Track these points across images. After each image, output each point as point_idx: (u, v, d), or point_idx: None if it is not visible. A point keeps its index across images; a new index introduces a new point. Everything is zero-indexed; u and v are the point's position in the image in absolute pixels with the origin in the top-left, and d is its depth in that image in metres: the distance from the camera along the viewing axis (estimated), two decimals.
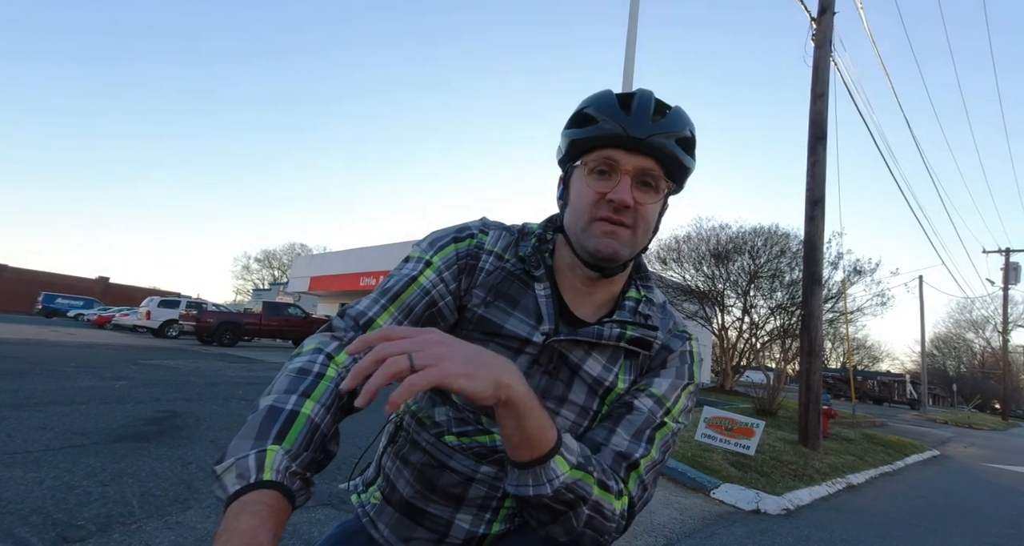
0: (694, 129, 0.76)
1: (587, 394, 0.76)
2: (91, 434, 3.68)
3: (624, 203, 0.70)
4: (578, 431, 0.75)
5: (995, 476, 7.20)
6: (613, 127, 0.71)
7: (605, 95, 0.75)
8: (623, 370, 0.77)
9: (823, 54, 7.88)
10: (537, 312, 0.76)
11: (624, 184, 0.71)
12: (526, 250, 0.79)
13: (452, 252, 0.79)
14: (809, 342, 6.74)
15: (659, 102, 0.75)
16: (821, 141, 7.60)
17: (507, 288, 0.78)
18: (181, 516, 2.39)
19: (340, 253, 24.15)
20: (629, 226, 0.72)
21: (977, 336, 49.10)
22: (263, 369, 9.59)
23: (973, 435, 15.00)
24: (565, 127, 0.77)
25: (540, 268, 0.78)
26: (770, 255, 14.41)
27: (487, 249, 0.80)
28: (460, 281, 0.79)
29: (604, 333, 0.74)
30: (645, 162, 0.72)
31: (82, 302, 32.79)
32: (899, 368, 45.35)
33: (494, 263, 0.79)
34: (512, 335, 0.75)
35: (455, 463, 0.75)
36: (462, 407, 0.75)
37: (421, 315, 0.75)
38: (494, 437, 0.74)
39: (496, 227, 0.84)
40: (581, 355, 0.75)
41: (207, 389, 6.40)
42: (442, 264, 0.78)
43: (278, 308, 16.91)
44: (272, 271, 53.31)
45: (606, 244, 0.72)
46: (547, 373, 0.75)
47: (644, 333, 0.77)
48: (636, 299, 0.82)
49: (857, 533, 3.69)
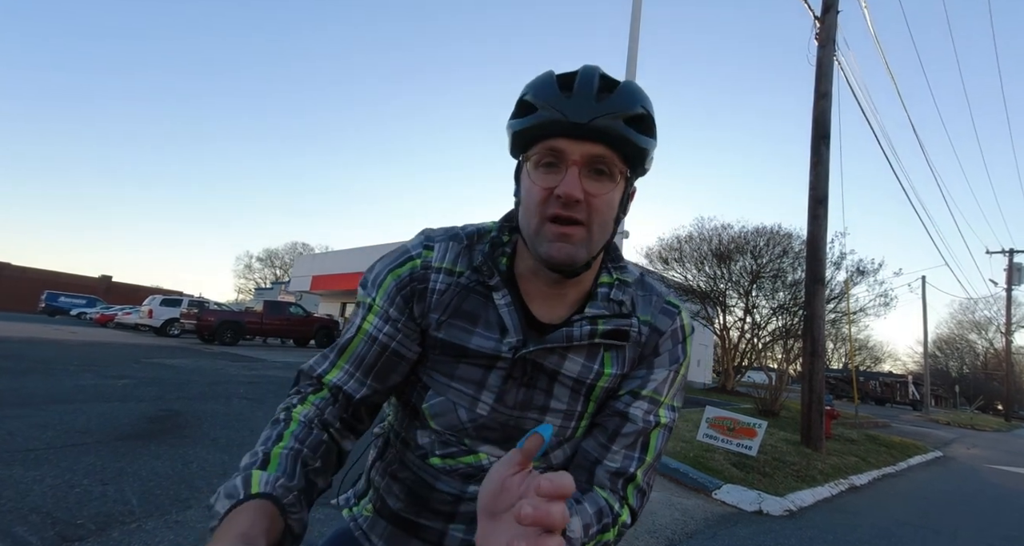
0: (648, 104, 0.67)
1: (570, 397, 0.72)
2: (92, 432, 3.68)
3: (572, 197, 0.63)
4: (565, 434, 0.73)
5: (999, 478, 7.16)
6: (552, 113, 0.64)
7: (545, 77, 0.67)
8: (607, 362, 0.73)
9: (827, 53, 7.84)
10: (500, 324, 0.70)
11: (571, 176, 0.63)
12: (478, 259, 0.73)
13: (392, 284, 0.73)
14: (812, 343, 6.72)
15: (605, 78, 0.66)
16: (824, 140, 7.57)
17: (464, 304, 0.72)
18: (181, 515, 2.38)
19: (342, 252, 24.19)
20: (583, 222, 0.65)
21: (980, 337, 48.94)
22: (265, 368, 9.61)
23: (976, 436, 14.94)
24: (509, 117, 0.69)
25: (494, 276, 0.72)
26: (772, 255, 14.39)
27: (434, 266, 0.74)
28: (411, 310, 0.73)
29: (574, 334, 0.70)
30: (593, 148, 0.64)
31: (85, 301, 32.91)
32: (901, 369, 45.29)
33: (445, 280, 0.73)
34: (478, 353, 0.71)
35: (442, 485, 0.74)
36: (442, 431, 0.73)
37: (375, 364, 0.72)
38: (479, 457, 0.72)
39: (442, 238, 0.76)
40: (556, 360, 0.71)
41: (208, 388, 6.40)
42: (384, 302, 0.72)
43: (280, 307, 16.92)
44: (274, 270, 53.44)
45: (559, 249, 0.65)
46: (524, 385, 0.71)
47: (618, 324, 0.71)
48: (609, 284, 0.76)
49: (860, 535, 3.67)
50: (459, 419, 0.71)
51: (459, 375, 0.71)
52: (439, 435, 0.73)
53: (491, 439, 0.72)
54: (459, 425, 0.71)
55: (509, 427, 0.71)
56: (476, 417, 0.71)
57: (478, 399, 0.71)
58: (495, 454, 0.72)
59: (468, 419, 0.71)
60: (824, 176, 7.42)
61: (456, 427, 0.71)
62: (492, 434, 0.71)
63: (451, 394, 0.71)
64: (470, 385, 0.71)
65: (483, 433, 0.71)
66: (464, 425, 0.71)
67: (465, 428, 0.71)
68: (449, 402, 0.71)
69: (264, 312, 16.28)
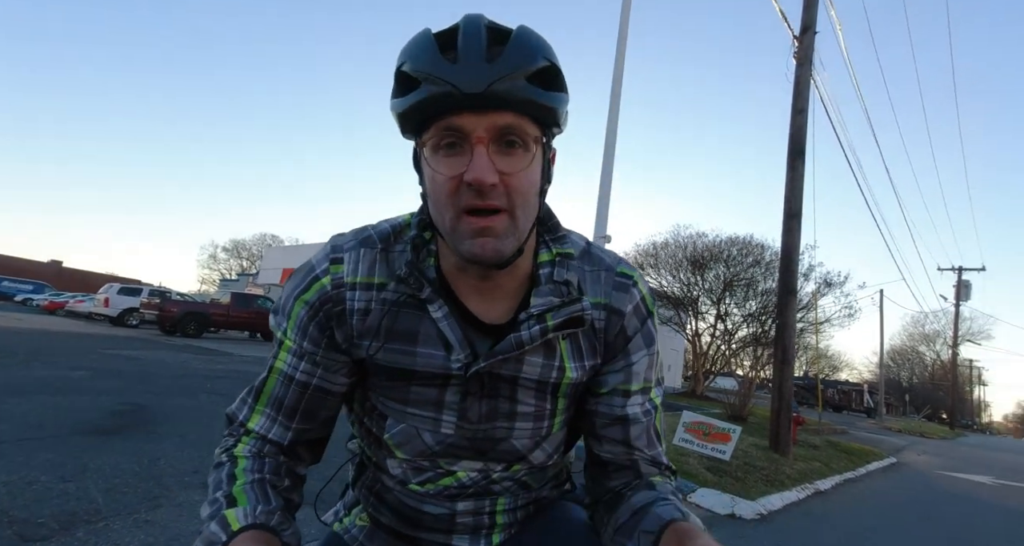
0: (550, 52, 0.57)
1: (536, 398, 0.67)
2: (48, 427, 3.46)
3: (485, 183, 0.53)
4: (541, 434, 0.69)
5: (948, 483, 7.52)
6: (440, 86, 0.53)
7: (420, 40, 0.56)
8: (566, 356, 0.66)
9: (804, 72, 8.11)
10: (443, 339, 0.63)
11: (479, 157, 0.54)
12: (400, 269, 0.63)
13: (302, 313, 0.64)
14: (783, 351, 6.91)
15: (493, 29, 0.56)
16: (800, 155, 7.81)
17: (395, 323, 0.63)
18: (151, 515, 2.26)
19: (316, 246, 23.63)
20: (503, 209, 0.56)
21: (929, 349, 51.60)
22: (233, 362, 9.28)
23: (925, 443, 15.68)
24: (391, 96, 0.58)
25: (424, 288, 0.62)
26: (745, 264, 14.79)
27: (347, 283, 0.63)
28: (331, 339, 0.64)
29: (524, 338, 0.62)
30: (498, 118, 0.54)
31: (31, 286, 31.20)
32: (857, 377, 47.25)
33: (363, 297, 0.64)
34: (427, 374, 0.64)
35: (429, 507, 0.70)
36: (412, 458, 0.68)
37: (297, 405, 0.66)
38: (458, 476, 0.68)
39: (351, 246, 0.65)
40: (513, 365, 0.64)
41: (174, 382, 6.13)
42: (296, 335, 0.65)
43: (248, 300, 16.41)
44: (241, 261, 51.84)
45: (482, 245, 0.56)
46: (485, 397, 0.65)
47: (569, 313, 0.63)
48: (550, 261, 0.66)
49: (828, 538, 3.79)
50: (425, 444, 0.67)
51: (413, 399, 0.66)
52: (410, 462, 0.69)
53: (464, 455, 0.68)
54: (427, 450, 0.67)
55: (479, 440, 0.67)
56: (443, 439, 0.66)
57: (440, 420, 0.66)
58: (473, 468, 0.69)
59: (435, 442, 0.67)
60: (799, 190, 7.66)
61: (425, 452, 0.67)
62: (464, 452, 0.67)
63: (410, 420, 0.66)
64: (427, 407, 0.66)
65: (454, 452, 0.67)
66: (432, 449, 0.67)
67: (434, 451, 0.67)
68: (411, 428, 0.66)
69: (231, 304, 15.77)
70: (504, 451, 0.68)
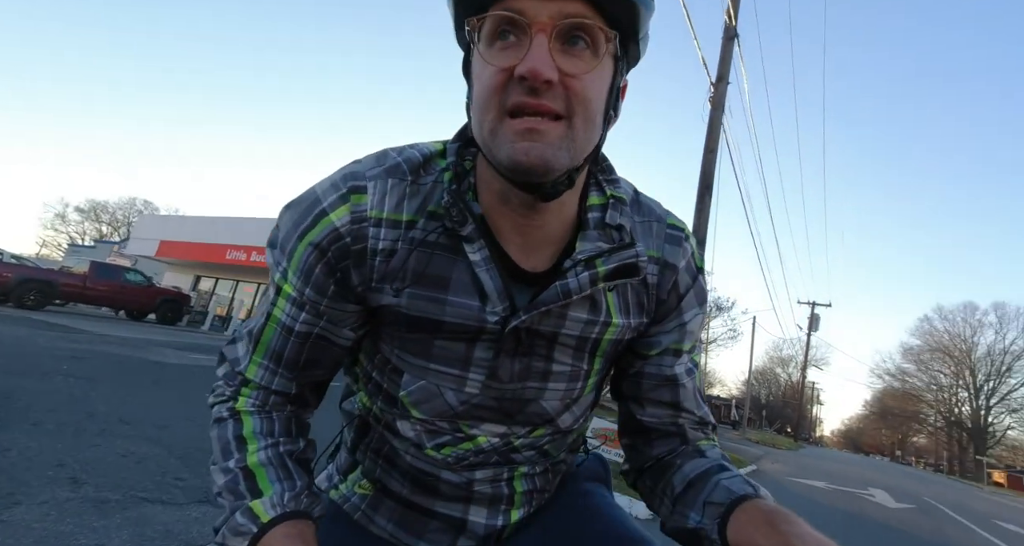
0: None
1: (573, 358, 0.61)
2: None
3: (541, 76, 0.45)
4: (572, 396, 0.64)
5: (795, 488, 8.65)
6: None
7: None
8: (614, 311, 0.60)
9: (717, 115, 9.00)
10: (479, 286, 0.55)
11: (538, 47, 0.45)
12: (439, 199, 0.55)
13: (306, 254, 0.55)
14: None
15: None
16: (709, 190, 8.63)
17: (426, 266, 0.55)
18: (7, 514, 1.85)
19: (205, 219, 21.25)
20: (560, 114, 0.47)
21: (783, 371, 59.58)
22: (92, 342, 7.99)
23: (776, 454, 17.92)
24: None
25: (467, 223, 0.54)
26: None
27: (371, 217, 0.54)
28: (340, 284, 0.56)
29: (571, 287, 0.55)
30: (567, 6, 0.46)
31: None
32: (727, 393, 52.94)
33: (389, 236, 0.55)
34: (456, 326, 0.57)
35: (447, 475, 0.64)
36: (429, 419, 0.61)
37: (298, 358, 0.60)
38: (478, 441, 0.62)
39: (376, 174, 0.56)
40: (554, 321, 0.58)
41: (15, 360, 5.14)
42: (298, 280, 0.56)
43: (112, 271, 14.15)
44: (100, 226, 45.22)
45: (526, 150, 0.46)
46: (518, 355, 0.59)
47: (622, 259, 0.56)
48: (602, 205, 0.60)
49: None
50: (447, 404, 0.60)
51: (437, 354, 0.58)
52: (425, 424, 0.62)
53: (488, 418, 0.62)
54: (448, 411, 0.60)
55: (507, 401, 0.61)
56: (467, 398, 0.60)
57: (466, 378, 0.59)
58: (495, 432, 0.62)
59: (458, 402, 0.60)
60: (706, 221, 8.45)
61: (445, 413, 0.60)
62: (488, 413, 0.61)
63: (431, 377, 0.59)
64: (453, 363, 0.59)
65: (477, 413, 0.61)
66: (455, 409, 0.60)
67: (456, 412, 0.60)
68: (432, 386, 0.60)
69: (90, 274, 13.51)
70: (532, 413, 0.63)
